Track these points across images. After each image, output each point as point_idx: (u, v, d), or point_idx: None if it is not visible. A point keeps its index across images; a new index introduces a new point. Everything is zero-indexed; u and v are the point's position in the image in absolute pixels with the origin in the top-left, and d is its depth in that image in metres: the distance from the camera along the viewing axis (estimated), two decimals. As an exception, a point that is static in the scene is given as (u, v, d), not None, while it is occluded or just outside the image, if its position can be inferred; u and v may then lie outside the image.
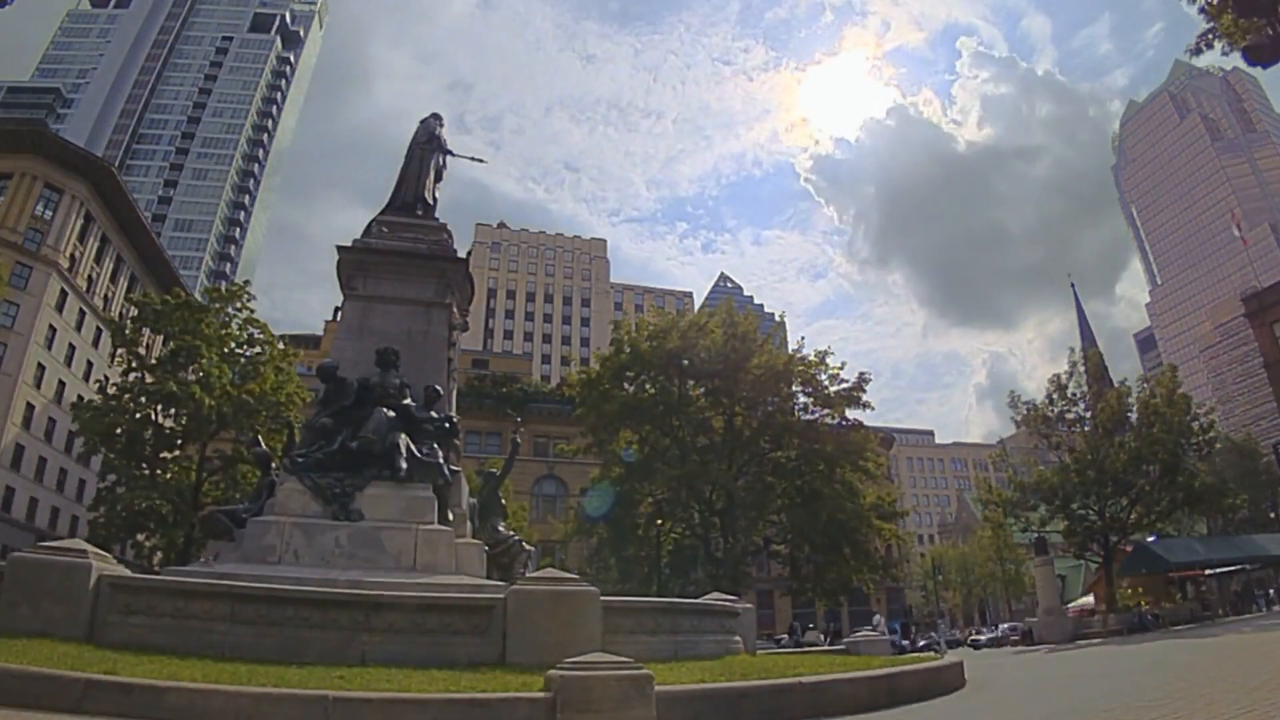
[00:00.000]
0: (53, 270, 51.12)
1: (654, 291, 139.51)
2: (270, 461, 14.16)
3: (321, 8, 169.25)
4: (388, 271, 14.15)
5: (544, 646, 8.01)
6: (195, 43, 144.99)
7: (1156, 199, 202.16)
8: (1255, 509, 64.59)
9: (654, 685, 6.09)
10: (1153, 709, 6.51)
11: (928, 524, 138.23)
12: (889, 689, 8.31)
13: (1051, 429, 43.09)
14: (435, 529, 11.78)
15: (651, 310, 50.89)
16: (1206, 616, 36.49)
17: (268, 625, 8.05)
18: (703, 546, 37.18)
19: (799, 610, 58.64)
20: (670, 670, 7.71)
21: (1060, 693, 8.92)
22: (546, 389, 71.93)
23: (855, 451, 37.66)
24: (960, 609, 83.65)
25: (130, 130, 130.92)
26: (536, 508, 59.83)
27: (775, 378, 37.43)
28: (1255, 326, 47.15)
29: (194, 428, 35.30)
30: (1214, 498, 39.82)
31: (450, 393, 14.34)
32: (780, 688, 7.21)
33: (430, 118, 16.21)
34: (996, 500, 43.77)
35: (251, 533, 11.49)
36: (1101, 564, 41.89)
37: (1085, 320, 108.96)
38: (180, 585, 8.67)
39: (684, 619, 10.85)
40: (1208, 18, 11.15)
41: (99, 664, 6.22)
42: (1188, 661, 12.43)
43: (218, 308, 38.52)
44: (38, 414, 50.69)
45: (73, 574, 8.03)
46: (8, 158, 51.11)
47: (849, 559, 36.71)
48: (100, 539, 32.19)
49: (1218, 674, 9.31)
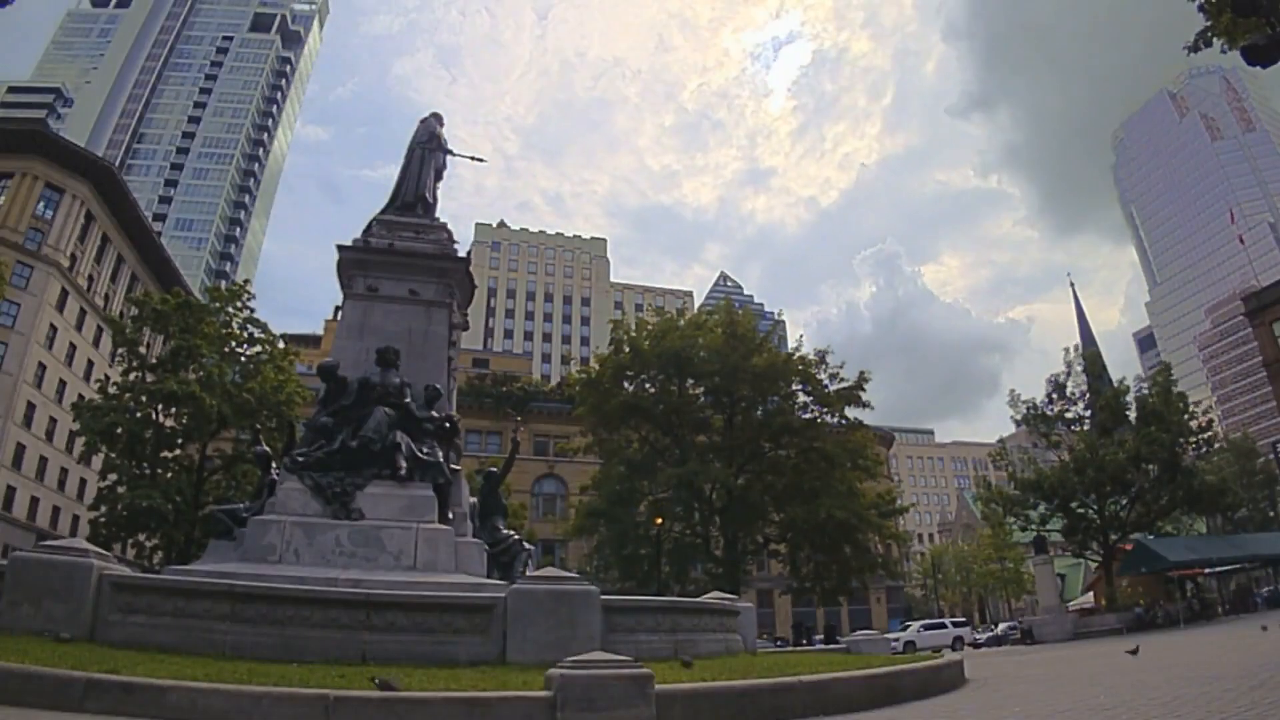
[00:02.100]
0: (53, 270, 51.11)
1: (654, 291, 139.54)
2: (270, 461, 14.14)
3: (321, 7, 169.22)
4: (388, 270, 14.13)
5: (544, 645, 8.04)
6: (195, 42, 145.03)
7: (1156, 198, 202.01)
8: (1254, 508, 64.69)
9: (654, 684, 6.10)
10: (1153, 708, 6.52)
11: (928, 522, 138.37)
12: (889, 688, 8.31)
13: (1050, 428, 43.16)
14: (436, 528, 11.78)
15: (651, 310, 50.92)
16: (1206, 615, 36.50)
17: (268, 624, 8.06)
18: (703, 545, 37.19)
19: (799, 610, 58.73)
20: (670, 669, 7.72)
21: (1060, 691, 8.93)
22: (546, 388, 71.96)
23: (855, 450, 37.70)
24: (960, 607, 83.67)
25: (131, 130, 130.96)
26: (537, 507, 59.94)
27: (775, 376, 37.47)
28: (1254, 326, 47.10)
29: (194, 427, 35.31)
30: (1213, 497, 39.85)
31: (450, 392, 14.33)
32: (780, 687, 7.21)
33: (430, 117, 16.20)
34: (996, 499, 43.80)
35: (252, 532, 11.49)
36: (1101, 563, 41.96)
37: (1085, 320, 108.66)
38: (181, 584, 8.69)
39: (684, 618, 10.85)
40: (1206, 16, 11.17)
41: (100, 663, 6.23)
42: (1188, 660, 12.44)
43: (218, 307, 38.55)
44: (38, 413, 50.70)
45: (74, 573, 8.05)
46: (8, 158, 51.09)
47: (849, 558, 36.75)
48: (101, 538, 32.33)
49: (1218, 673, 9.33)
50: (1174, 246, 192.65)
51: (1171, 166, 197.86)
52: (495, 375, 68.81)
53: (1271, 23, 8.26)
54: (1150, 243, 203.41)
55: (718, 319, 39.80)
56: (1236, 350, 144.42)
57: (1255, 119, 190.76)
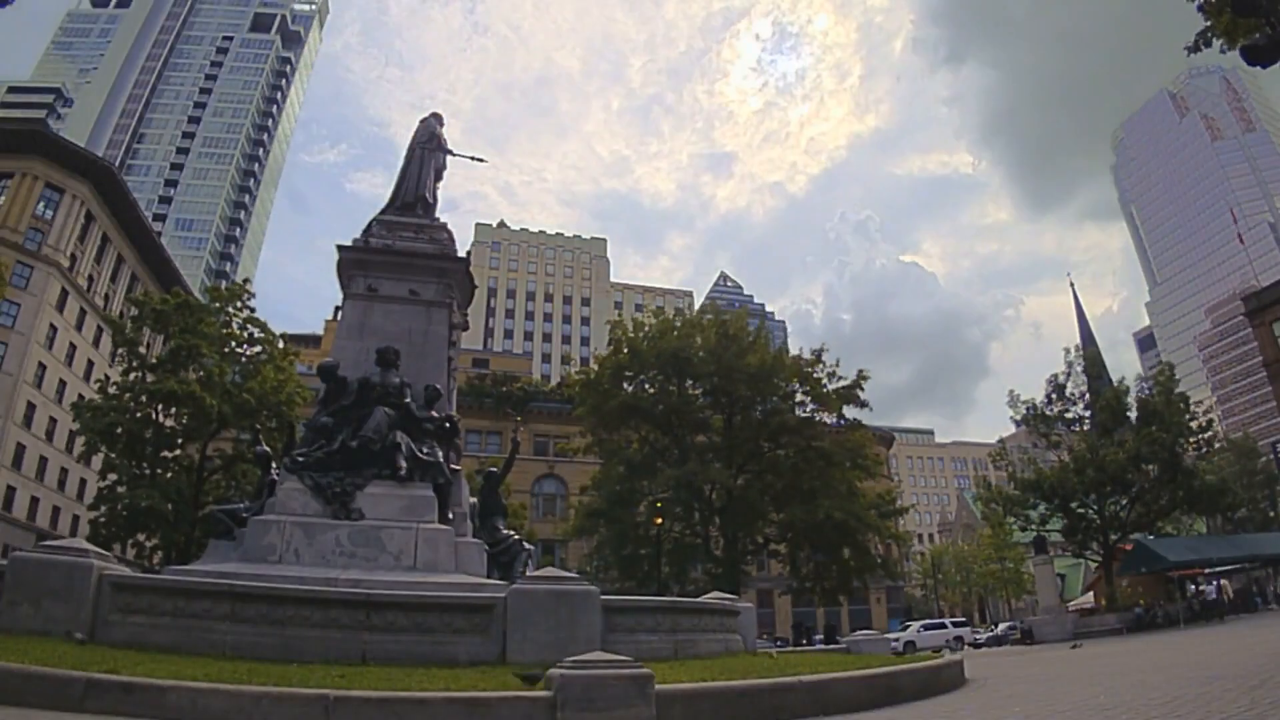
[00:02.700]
0: (53, 270, 51.12)
1: (654, 291, 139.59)
2: (270, 461, 14.14)
3: (321, 7, 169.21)
4: (388, 271, 14.13)
5: (544, 645, 8.04)
6: (196, 42, 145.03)
7: (1156, 198, 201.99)
8: (1254, 508, 64.67)
9: (654, 684, 6.10)
10: (1153, 708, 6.52)
11: (928, 522, 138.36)
12: (889, 688, 8.31)
13: (1050, 428, 43.16)
14: (436, 528, 11.78)
15: (651, 310, 50.95)
16: (1205, 615, 36.48)
17: (268, 624, 8.06)
18: (702, 545, 37.21)
19: (799, 610, 58.73)
20: (670, 669, 7.71)
21: (1060, 691, 8.93)
22: (546, 388, 71.96)
23: (854, 450, 37.71)
24: (960, 607, 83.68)
25: (131, 130, 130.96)
26: (536, 507, 59.95)
27: (770, 376, 37.49)
28: (1255, 326, 47.09)
29: (194, 427, 35.34)
30: (1213, 497, 39.85)
31: (451, 392, 14.33)
32: (780, 687, 7.21)
33: (430, 117, 16.20)
34: (996, 499, 43.81)
35: (252, 532, 11.49)
36: (1101, 563, 41.95)
37: (1085, 319, 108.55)
38: (181, 584, 8.69)
39: (684, 618, 10.85)
40: (1205, 15, 11.16)
41: (100, 663, 6.22)
42: (1187, 660, 12.44)
43: (218, 307, 38.55)
44: (38, 413, 50.70)
45: (74, 573, 8.05)
46: (8, 158, 51.11)
47: (849, 559, 36.75)
48: (101, 538, 32.32)
49: (1218, 673, 9.32)
50: (1174, 246, 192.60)
51: (1171, 166, 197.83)
52: (495, 375, 68.81)
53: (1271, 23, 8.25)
54: (1150, 243, 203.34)
55: (710, 319, 39.92)
56: (1236, 350, 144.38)
57: (1255, 119, 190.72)
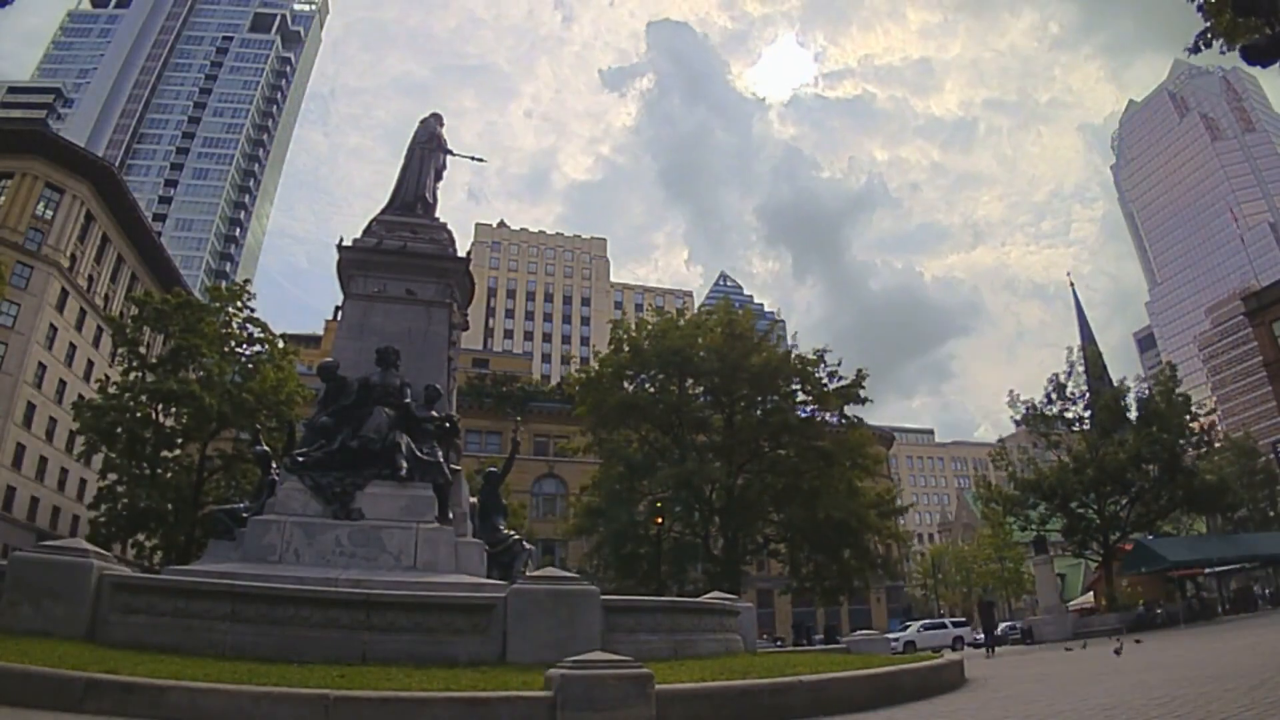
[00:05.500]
0: (53, 270, 51.11)
1: (654, 291, 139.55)
2: (270, 461, 14.14)
3: (321, 7, 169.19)
4: (388, 271, 14.14)
5: (544, 645, 8.04)
6: (196, 42, 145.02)
7: (1156, 198, 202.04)
8: (1254, 508, 64.63)
9: (654, 684, 6.10)
10: (1153, 707, 6.51)
11: (928, 522, 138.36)
12: (889, 687, 8.30)
13: (1050, 428, 43.14)
14: (436, 528, 11.78)
15: (651, 310, 50.93)
16: (1206, 615, 36.48)
17: (268, 624, 8.06)
18: (702, 545, 37.18)
19: (799, 610, 58.74)
20: (670, 669, 7.71)
21: (1061, 691, 8.93)
22: (547, 388, 71.95)
23: (854, 449, 37.67)
24: (960, 607, 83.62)
25: (131, 130, 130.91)
26: (536, 507, 59.95)
27: (773, 375, 37.47)
28: (1254, 326, 47.10)
29: (194, 427, 35.35)
30: (1213, 497, 39.85)
31: (450, 392, 14.33)
32: (780, 686, 7.21)
33: (430, 117, 16.21)
34: (996, 498, 43.79)
35: (252, 532, 11.50)
36: (1101, 562, 41.93)
37: (1085, 319, 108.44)
38: (181, 584, 8.69)
39: (684, 618, 10.86)
40: (1205, 15, 11.13)
41: (100, 663, 6.22)
42: (1188, 660, 12.43)
43: (218, 307, 38.55)
44: (38, 413, 50.70)
45: (74, 573, 8.05)
46: (9, 158, 51.11)
47: (849, 558, 36.72)
48: (101, 538, 32.33)
49: (1218, 672, 9.32)
50: (1174, 246, 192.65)
51: (1171, 166, 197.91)
52: (495, 375, 68.79)
53: (1271, 23, 8.24)
54: (1150, 243, 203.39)
55: (717, 319, 39.83)
56: (1236, 350, 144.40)
57: (1255, 119, 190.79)
